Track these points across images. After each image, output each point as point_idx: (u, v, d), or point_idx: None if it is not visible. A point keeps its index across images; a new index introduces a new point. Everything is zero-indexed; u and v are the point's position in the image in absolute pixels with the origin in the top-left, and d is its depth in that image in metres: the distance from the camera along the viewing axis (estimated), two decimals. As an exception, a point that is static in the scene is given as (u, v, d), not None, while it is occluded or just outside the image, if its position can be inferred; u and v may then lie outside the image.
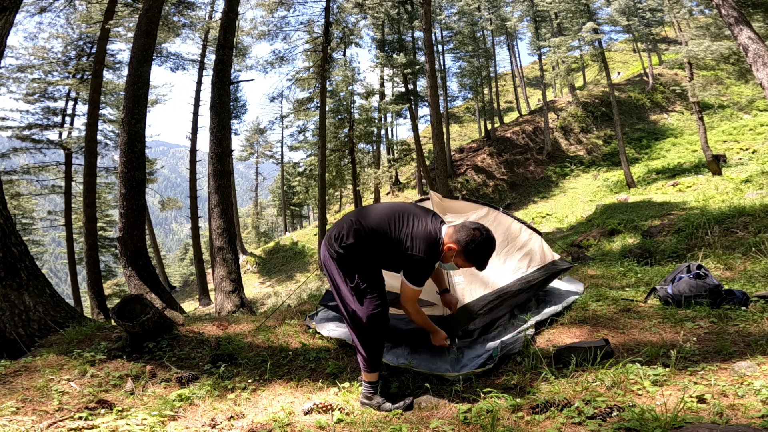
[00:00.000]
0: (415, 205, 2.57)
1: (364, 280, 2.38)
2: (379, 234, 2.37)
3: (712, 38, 14.38)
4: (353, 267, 2.40)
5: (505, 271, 3.54)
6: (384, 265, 2.49)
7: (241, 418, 2.32)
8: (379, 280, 2.45)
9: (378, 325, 2.39)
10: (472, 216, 3.75)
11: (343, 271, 2.41)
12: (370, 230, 2.38)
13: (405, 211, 2.46)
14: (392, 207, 2.51)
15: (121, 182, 7.34)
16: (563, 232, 14.53)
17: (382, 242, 2.37)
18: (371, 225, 2.39)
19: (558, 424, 1.89)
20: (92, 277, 11.69)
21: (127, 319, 3.01)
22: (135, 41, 7.86)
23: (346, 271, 2.41)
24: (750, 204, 8.05)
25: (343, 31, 21.59)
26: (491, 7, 30.87)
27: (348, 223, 2.42)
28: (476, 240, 2.30)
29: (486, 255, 2.35)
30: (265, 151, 39.98)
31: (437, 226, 2.40)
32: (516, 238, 3.85)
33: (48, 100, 18.39)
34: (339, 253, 2.39)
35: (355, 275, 2.39)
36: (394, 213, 2.44)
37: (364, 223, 2.40)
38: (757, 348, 2.50)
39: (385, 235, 2.36)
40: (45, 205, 29.21)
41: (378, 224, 2.39)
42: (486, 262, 2.37)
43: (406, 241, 2.31)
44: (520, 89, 40.04)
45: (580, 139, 28.02)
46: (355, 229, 2.38)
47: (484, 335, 3.21)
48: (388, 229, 2.37)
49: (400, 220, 2.39)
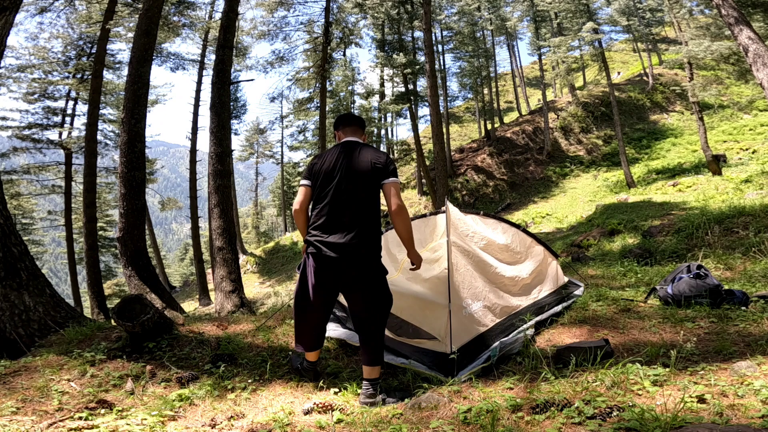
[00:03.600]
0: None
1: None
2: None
3: (712, 38, 14.38)
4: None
5: (522, 294, 3.56)
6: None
7: (241, 418, 2.32)
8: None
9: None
10: (498, 230, 3.76)
11: (377, 266, 2.65)
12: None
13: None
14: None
15: (121, 182, 7.34)
16: (563, 232, 14.53)
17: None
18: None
19: (558, 424, 1.89)
20: (92, 277, 11.68)
21: (127, 319, 3.01)
22: (135, 41, 7.85)
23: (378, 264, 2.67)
24: (750, 204, 8.05)
25: (343, 31, 21.59)
26: (491, 7, 30.83)
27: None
28: (337, 117, 2.87)
29: (339, 118, 2.85)
30: (265, 151, 39.95)
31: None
32: (539, 261, 3.88)
33: (48, 99, 18.39)
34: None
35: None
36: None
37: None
38: (757, 348, 2.50)
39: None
40: (45, 205, 29.22)
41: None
42: (340, 120, 2.83)
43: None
44: (520, 89, 40.04)
45: (580, 139, 28.02)
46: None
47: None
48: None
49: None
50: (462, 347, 2.82)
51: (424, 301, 3.05)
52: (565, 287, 4.10)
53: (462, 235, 3.35)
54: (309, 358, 2.80)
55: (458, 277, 3.05)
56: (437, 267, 3.15)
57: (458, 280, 3.04)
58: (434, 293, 3.02)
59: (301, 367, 2.83)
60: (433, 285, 3.07)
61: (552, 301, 3.74)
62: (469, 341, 2.89)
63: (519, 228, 3.92)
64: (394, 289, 3.25)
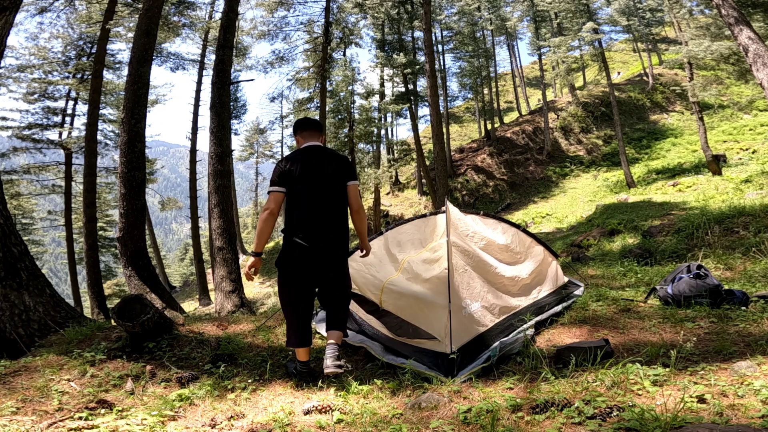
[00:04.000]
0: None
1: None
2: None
3: (712, 38, 14.37)
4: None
5: (521, 294, 3.56)
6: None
7: (241, 418, 2.32)
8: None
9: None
10: (498, 230, 3.76)
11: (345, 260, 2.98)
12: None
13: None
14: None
15: (121, 182, 7.34)
16: (563, 232, 14.53)
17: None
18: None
19: (558, 424, 1.89)
20: (92, 277, 11.68)
21: (127, 319, 3.01)
22: (135, 41, 7.85)
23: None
24: (750, 204, 8.05)
25: (343, 31, 21.57)
26: (491, 7, 30.82)
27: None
28: (296, 122, 3.01)
29: (298, 123, 3.00)
30: (265, 151, 39.91)
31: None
32: (539, 261, 3.87)
33: (48, 99, 18.38)
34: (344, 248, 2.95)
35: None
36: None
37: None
38: (757, 348, 2.50)
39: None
40: (45, 205, 29.19)
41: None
42: (300, 125, 2.98)
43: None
44: (520, 89, 40.03)
45: (580, 139, 28.01)
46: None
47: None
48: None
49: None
50: (462, 347, 2.82)
51: (424, 301, 3.05)
52: (565, 287, 4.10)
53: (462, 235, 3.35)
54: (301, 357, 2.86)
55: (458, 278, 3.05)
56: (437, 267, 3.15)
57: (458, 280, 3.04)
58: (434, 293, 3.02)
59: (297, 370, 2.86)
60: (433, 285, 3.07)
61: (552, 301, 3.74)
62: (469, 341, 2.89)
63: (519, 228, 3.91)
64: (394, 288, 3.25)
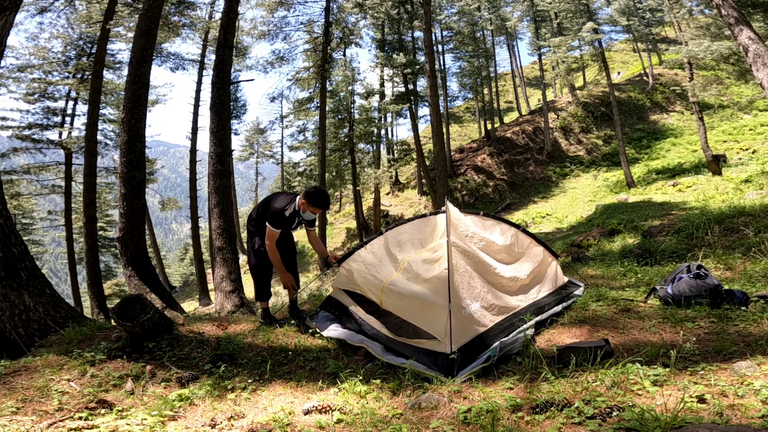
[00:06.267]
0: (277, 194, 3.99)
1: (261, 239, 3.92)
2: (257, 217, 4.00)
3: (712, 38, 14.37)
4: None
5: (520, 294, 3.55)
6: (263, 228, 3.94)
7: (241, 418, 2.32)
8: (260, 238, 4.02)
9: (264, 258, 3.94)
10: (497, 230, 3.77)
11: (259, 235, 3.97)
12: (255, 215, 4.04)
13: (267, 199, 3.99)
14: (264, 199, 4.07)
15: (121, 182, 7.34)
16: (563, 232, 14.53)
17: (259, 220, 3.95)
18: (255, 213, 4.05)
19: (558, 424, 1.89)
20: (92, 277, 11.67)
21: (127, 319, 3.01)
22: (135, 41, 7.85)
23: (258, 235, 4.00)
24: (750, 204, 8.05)
25: (343, 31, 21.56)
26: (491, 7, 30.82)
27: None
28: (312, 193, 3.67)
29: (321, 198, 3.68)
30: (265, 151, 39.91)
31: (287, 203, 3.79)
32: (539, 261, 3.86)
33: (48, 100, 18.35)
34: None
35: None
36: (262, 202, 4.04)
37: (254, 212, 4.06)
38: (757, 348, 2.50)
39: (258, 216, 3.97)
40: (45, 205, 29.20)
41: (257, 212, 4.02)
42: (324, 203, 3.68)
43: (266, 215, 3.84)
44: (520, 89, 40.03)
45: (580, 139, 28.01)
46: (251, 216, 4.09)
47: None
48: (256, 214, 4.00)
49: (263, 206, 3.94)
50: (462, 347, 2.82)
51: (424, 301, 3.05)
52: (565, 287, 4.10)
53: (461, 236, 3.35)
54: (267, 306, 4.09)
55: (458, 278, 3.05)
56: (437, 267, 3.15)
57: (458, 280, 3.04)
58: (434, 293, 3.02)
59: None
60: (433, 285, 3.07)
61: (552, 301, 3.74)
62: (469, 341, 2.89)
63: (519, 228, 3.91)
64: (395, 288, 3.25)
